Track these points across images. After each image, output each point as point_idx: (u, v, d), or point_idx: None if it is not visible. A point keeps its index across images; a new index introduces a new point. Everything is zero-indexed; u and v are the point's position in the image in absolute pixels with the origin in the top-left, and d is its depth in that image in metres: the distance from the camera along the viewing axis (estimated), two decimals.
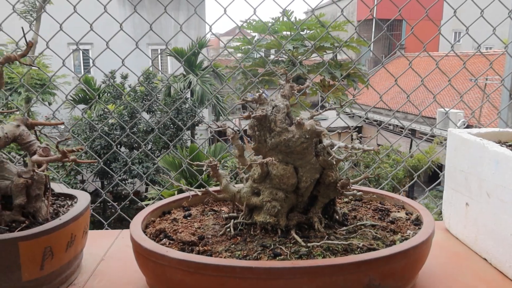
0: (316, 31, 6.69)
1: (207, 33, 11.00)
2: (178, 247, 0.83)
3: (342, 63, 7.06)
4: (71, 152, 0.80)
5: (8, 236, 0.77)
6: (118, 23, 1.70)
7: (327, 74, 6.73)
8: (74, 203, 1.01)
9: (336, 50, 7.62)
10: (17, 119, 0.91)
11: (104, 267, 1.02)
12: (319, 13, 7.26)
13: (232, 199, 0.91)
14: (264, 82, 7.27)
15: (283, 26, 7.06)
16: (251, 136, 0.89)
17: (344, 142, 0.79)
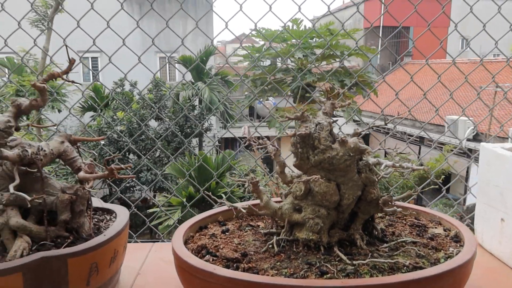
0: (326, 39, 6.70)
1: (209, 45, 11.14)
2: (222, 264, 0.83)
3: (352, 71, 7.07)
4: (119, 169, 0.81)
5: (57, 253, 0.78)
6: (124, 33, 1.74)
7: (336, 82, 6.74)
8: (113, 217, 1.02)
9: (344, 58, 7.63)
10: (61, 135, 0.93)
11: (142, 282, 1.03)
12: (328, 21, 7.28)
13: (273, 216, 0.92)
14: (274, 89, 7.30)
15: (292, 35, 7.08)
16: (293, 153, 0.90)
17: None
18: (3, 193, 0.86)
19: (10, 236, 0.83)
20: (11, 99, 0.97)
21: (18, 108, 0.95)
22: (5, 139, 0.91)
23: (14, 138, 0.88)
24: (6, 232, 0.83)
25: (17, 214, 0.85)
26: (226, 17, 1.90)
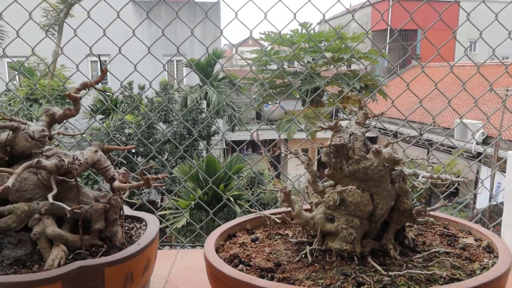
0: (335, 43, 6.70)
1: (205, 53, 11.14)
2: (256, 273, 0.83)
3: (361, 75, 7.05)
4: (156, 179, 0.81)
5: (95, 262, 0.79)
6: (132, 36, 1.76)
7: (345, 85, 6.73)
8: (143, 226, 1.03)
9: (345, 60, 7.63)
10: (95, 144, 0.93)
11: None
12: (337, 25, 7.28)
13: (305, 225, 0.91)
14: (282, 93, 7.30)
15: (301, 38, 7.09)
16: (326, 163, 0.90)
17: None
18: (39, 202, 0.87)
19: (47, 245, 0.84)
20: (44, 108, 0.98)
21: (52, 117, 0.96)
22: (41, 148, 0.93)
23: (50, 148, 0.89)
24: (42, 241, 0.84)
25: (53, 223, 0.86)
26: (235, 21, 1.91)
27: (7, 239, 0.85)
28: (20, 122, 0.91)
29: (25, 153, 0.92)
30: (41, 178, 0.88)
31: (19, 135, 0.90)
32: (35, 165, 0.80)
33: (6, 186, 0.73)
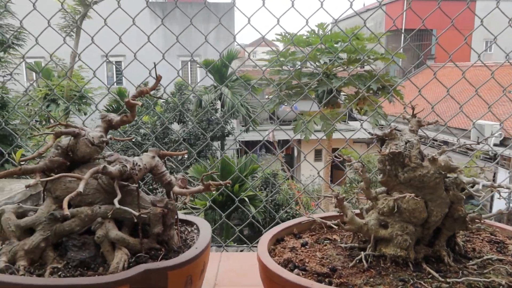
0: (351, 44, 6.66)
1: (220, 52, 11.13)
2: (313, 278, 0.85)
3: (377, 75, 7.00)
4: (218, 185, 0.83)
5: (158, 266, 0.81)
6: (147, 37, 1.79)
7: (362, 86, 6.70)
8: (194, 229, 1.05)
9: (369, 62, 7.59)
10: (152, 150, 0.96)
11: None
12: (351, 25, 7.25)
13: (358, 231, 0.93)
14: (298, 94, 7.30)
15: (318, 39, 7.07)
16: (380, 170, 0.91)
17: None
18: (100, 206, 0.90)
19: (110, 248, 0.87)
20: (101, 114, 1.01)
21: (109, 123, 0.99)
22: (100, 154, 0.95)
23: (111, 154, 0.91)
24: (106, 244, 0.86)
25: (115, 227, 0.88)
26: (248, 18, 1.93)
27: (71, 242, 0.88)
28: (80, 128, 0.94)
29: (85, 158, 0.95)
30: (101, 182, 0.91)
31: (80, 141, 0.93)
32: (101, 171, 0.83)
33: (78, 191, 0.76)
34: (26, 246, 0.84)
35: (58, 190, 0.91)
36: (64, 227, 0.88)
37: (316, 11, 1.92)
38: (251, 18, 1.93)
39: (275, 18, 1.93)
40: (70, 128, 0.92)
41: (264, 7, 1.92)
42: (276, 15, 1.89)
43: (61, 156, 0.93)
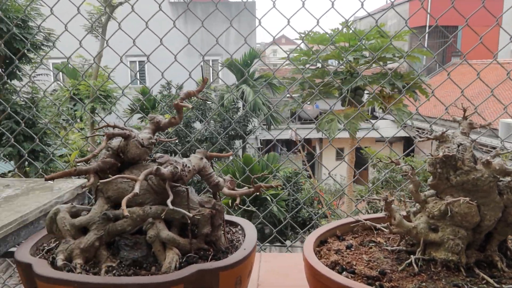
0: (377, 42, 6.58)
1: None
2: (363, 281, 0.85)
3: (403, 73, 6.90)
4: (268, 187, 0.84)
5: (211, 266, 0.82)
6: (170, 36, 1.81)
7: (387, 85, 6.60)
8: (238, 230, 1.06)
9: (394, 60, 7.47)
10: (199, 151, 0.97)
11: None
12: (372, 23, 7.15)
13: (407, 234, 0.92)
14: (322, 93, 7.25)
15: (342, 37, 7.01)
16: (431, 173, 0.90)
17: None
18: (151, 206, 0.92)
19: (161, 247, 0.88)
20: (150, 116, 1.03)
21: (157, 125, 1.01)
22: (149, 155, 0.97)
23: (162, 155, 0.93)
24: (157, 244, 0.88)
25: (165, 227, 0.90)
26: (269, 18, 1.92)
27: (124, 241, 0.90)
28: (130, 130, 0.96)
29: (135, 159, 0.97)
30: (151, 183, 0.92)
31: (130, 142, 0.95)
32: (154, 173, 0.84)
33: (135, 192, 0.78)
34: (81, 244, 0.87)
35: (110, 191, 0.94)
36: (116, 227, 0.90)
37: (326, 11, 1.91)
38: (262, 19, 1.94)
39: (296, 9, 1.93)
40: (122, 130, 0.94)
41: (275, 8, 1.93)
42: (286, 17, 1.88)
43: (112, 157, 0.95)
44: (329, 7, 1.85)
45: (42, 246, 0.97)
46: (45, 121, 6.89)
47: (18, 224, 0.95)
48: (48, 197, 1.10)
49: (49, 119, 7.02)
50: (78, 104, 10.01)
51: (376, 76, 7.05)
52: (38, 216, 1.03)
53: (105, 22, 8.79)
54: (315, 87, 6.92)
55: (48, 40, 6.59)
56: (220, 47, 2.05)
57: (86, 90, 9.25)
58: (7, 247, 0.93)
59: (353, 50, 6.53)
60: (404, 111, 6.66)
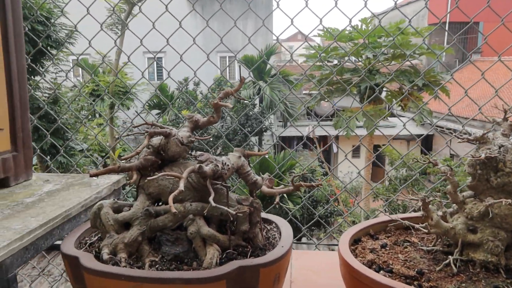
0: (398, 38, 6.50)
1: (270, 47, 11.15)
2: (401, 280, 0.85)
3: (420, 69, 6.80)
4: (310, 186, 0.85)
5: (252, 263, 0.84)
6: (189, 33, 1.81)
7: (407, 82, 6.52)
8: (273, 227, 1.08)
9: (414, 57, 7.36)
10: (237, 150, 0.99)
11: None
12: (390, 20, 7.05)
13: (445, 235, 0.92)
14: (340, 90, 7.21)
15: (360, 34, 6.95)
16: (470, 174, 0.90)
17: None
18: (191, 203, 0.94)
19: (201, 243, 0.91)
20: (188, 115, 1.05)
21: (196, 123, 1.03)
22: (188, 153, 1.00)
23: (202, 153, 0.95)
24: (198, 240, 0.90)
25: (205, 224, 0.92)
26: (288, 15, 1.92)
27: (165, 237, 0.92)
28: (170, 129, 0.98)
29: (175, 157, 1.00)
30: (191, 181, 0.95)
31: (171, 140, 0.97)
32: (197, 170, 0.86)
33: (180, 190, 0.80)
34: (125, 239, 0.90)
35: (151, 187, 0.97)
36: (158, 223, 0.93)
37: (329, 10, 1.89)
38: (277, 14, 1.93)
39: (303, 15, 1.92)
40: (162, 128, 0.97)
41: (279, 9, 1.93)
42: (289, 16, 1.88)
43: (153, 155, 0.98)
44: (348, 4, 1.84)
45: (84, 240, 1.01)
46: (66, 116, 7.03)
47: (62, 218, 0.99)
48: (88, 193, 1.13)
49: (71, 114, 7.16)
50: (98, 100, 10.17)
51: (395, 73, 6.97)
52: (80, 210, 1.06)
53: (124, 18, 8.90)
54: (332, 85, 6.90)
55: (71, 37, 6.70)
56: (237, 44, 2.06)
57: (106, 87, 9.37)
58: (53, 240, 0.97)
59: (373, 47, 6.46)
60: (424, 109, 6.57)
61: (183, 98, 10.59)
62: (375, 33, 6.75)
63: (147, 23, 1.94)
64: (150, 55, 14.67)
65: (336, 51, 6.72)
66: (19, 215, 0.97)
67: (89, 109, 9.75)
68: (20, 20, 1.21)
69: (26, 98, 1.23)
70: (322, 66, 6.88)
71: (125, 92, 9.01)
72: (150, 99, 11.50)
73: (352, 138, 6.99)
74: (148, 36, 1.91)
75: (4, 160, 1.16)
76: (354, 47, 6.77)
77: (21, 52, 1.21)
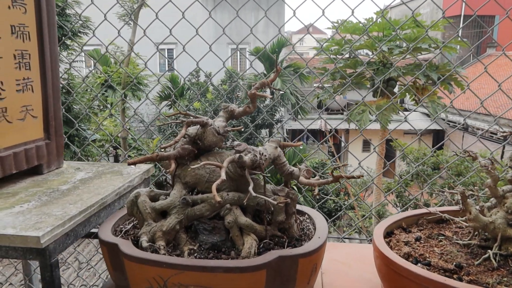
0: (413, 31, 6.42)
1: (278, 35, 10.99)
2: (440, 274, 0.85)
3: (438, 65, 6.72)
4: (350, 178, 0.85)
5: (291, 253, 0.84)
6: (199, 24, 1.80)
7: (422, 76, 6.45)
8: (306, 218, 1.08)
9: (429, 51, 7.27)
10: (273, 140, 0.99)
11: (329, 280, 1.08)
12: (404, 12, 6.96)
13: (483, 229, 0.91)
14: (353, 84, 7.15)
15: (375, 27, 6.86)
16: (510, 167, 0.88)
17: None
18: (228, 192, 0.94)
19: (238, 233, 0.91)
20: (223, 105, 1.05)
21: (231, 113, 1.03)
22: (224, 142, 1.00)
23: (239, 143, 0.95)
24: (235, 229, 0.91)
25: (242, 213, 0.93)
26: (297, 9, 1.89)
27: (202, 226, 0.93)
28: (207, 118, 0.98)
29: (211, 147, 1.00)
30: (228, 171, 0.95)
31: (207, 130, 0.97)
32: (237, 160, 0.87)
33: (222, 179, 0.80)
34: (164, 227, 0.91)
35: (187, 176, 0.97)
36: (195, 211, 0.94)
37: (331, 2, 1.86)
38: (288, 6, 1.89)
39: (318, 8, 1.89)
40: (199, 118, 0.97)
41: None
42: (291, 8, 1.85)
43: (190, 144, 0.98)
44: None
45: (119, 227, 1.02)
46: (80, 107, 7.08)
47: (99, 206, 1.00)
48: (121, 181, 1.14)
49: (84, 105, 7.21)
50: (108, 91, 10.22)
51: (410, 67, 6.89)
52: (114, 198, 1.07)
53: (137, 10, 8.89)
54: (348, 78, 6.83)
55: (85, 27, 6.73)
56: (249, 36, 2.04)
57: (118, 77, 9.42)
58: (90, 227, 0.98)
59: (388, 40, 6.38)
60: (438, 103, 6.50)
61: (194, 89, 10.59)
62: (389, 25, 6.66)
63: (160, 15, 1.93)
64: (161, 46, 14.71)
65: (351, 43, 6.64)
66: (58, 202, 0.98)
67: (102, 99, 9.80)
68: (54, 10, 1.21)
69: (59, 87, 1.23)
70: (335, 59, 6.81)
71: (137, 83, 9.04)
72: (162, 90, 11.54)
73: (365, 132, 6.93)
74: (158, 28, 1.90)
75: (38, 148, 1.17)
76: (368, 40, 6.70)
77: (54, 41, 1.22)
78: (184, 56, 1.99)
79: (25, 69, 1.14)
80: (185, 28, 1.92)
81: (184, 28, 1.93)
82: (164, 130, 10.24)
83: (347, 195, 9.43)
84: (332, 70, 6.52)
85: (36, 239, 0.80)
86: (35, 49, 1.17)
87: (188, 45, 1.91)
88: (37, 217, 0.89)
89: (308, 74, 10.78)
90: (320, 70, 7.40)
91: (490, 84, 11.91)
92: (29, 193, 1.04)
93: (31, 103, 1.16)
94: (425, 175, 8.13)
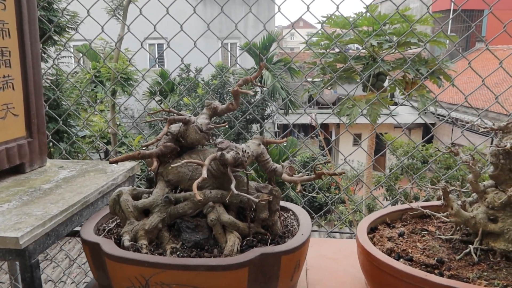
0: (402, 26, 6.44)
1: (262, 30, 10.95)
2: (422, 269, 0.86)
3: (427, 59, 6.76)
4: (332, 175, 0.85)
5: (273, 250, 0.84)
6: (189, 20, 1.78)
7: (411, 70, 6.48)
8: (290, 215, 1.08)
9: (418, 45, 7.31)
10: (256, 138, 0.98)
11: (315, 277, 1.08)
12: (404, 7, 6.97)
13: (464, 224, 0.92)
14: (343, 78, 7.17)
15: (365, 21, 6.87)
16: (493, 164, 0.89)
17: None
18: (211, 190, 0.94)
19: (221, 231, 0.91)
20: (206, 102, 1.04)
21: (214, 110, 1.02)
22: (208, 140, 0.99)
23: (222, 141, 0.95)
24: (218, 227, 0.90)
25: (225, 211, 0.92)
26: (286, 3, 1.87)
27: (185, 224, 0.92)
28: (189, 116, 0.98)
29: (194, 144, 0.99)
30: (210, 168, 0.94)
31: (190, 127, 0.97)
32: (219, 158, 0.86)
33: (203, 177, 0.80)
34: (146, 226, 0.90)
35: (170, 174, 0.96)
36: (177, 210, 0.93)
37: None
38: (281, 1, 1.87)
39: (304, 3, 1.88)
40: (181, 115, 0.96)
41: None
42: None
43: (173, 141, 0.97)
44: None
45: (102, 226, 1.01)
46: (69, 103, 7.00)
47: (82, 205, 0.99)
48: (105, 179, 1.13)
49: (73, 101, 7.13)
50: (98, 87, 10.11)
51: (399, 61, 6.92)
52: (97, 197, 1.06)
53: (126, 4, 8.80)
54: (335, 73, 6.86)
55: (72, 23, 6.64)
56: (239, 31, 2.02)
57: (107, 73, 9.32)
58: (73, 226, 0.97)
59: (376, 35, 6.40)
60: (428, 97, 6.54)
61: (185, 84, 10.53)
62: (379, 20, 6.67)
63: (148, 10, 1.90)
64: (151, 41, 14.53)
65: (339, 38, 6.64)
66: (39, 201, 0.97)
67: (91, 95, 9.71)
68: (35, 6, 1.19)
69: (40, 84, 1.22)
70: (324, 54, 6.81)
71: (126, 78, 8.96)
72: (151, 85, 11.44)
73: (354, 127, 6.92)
74: (147, 23, 1.87)
75: (20, 146, 1.15)
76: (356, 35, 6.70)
77: (36, 38, 1.20)
78: (174, 52, 1.96)
79: (5, 67, 1.12)
80: (175, 23, 1.89)
81: (174, 24, 1.91)
82: (154, 126, 10.17)
83: (338, 189, 9.48)
84: (319, 65, 6.53)
85: (15, 240, 0.79)
86: (16, 46, 1.15)
87: (177, 41, 1.88)
88: (17, 217, 0.88)
89: (299, 68, 10.77)
90: (310, 64, 7.40)
91: (479, 78, 11.98)
92: (10, 193, 1.03)
93: (11, 101, 1.14)
94: (414, 169, 8.20)
